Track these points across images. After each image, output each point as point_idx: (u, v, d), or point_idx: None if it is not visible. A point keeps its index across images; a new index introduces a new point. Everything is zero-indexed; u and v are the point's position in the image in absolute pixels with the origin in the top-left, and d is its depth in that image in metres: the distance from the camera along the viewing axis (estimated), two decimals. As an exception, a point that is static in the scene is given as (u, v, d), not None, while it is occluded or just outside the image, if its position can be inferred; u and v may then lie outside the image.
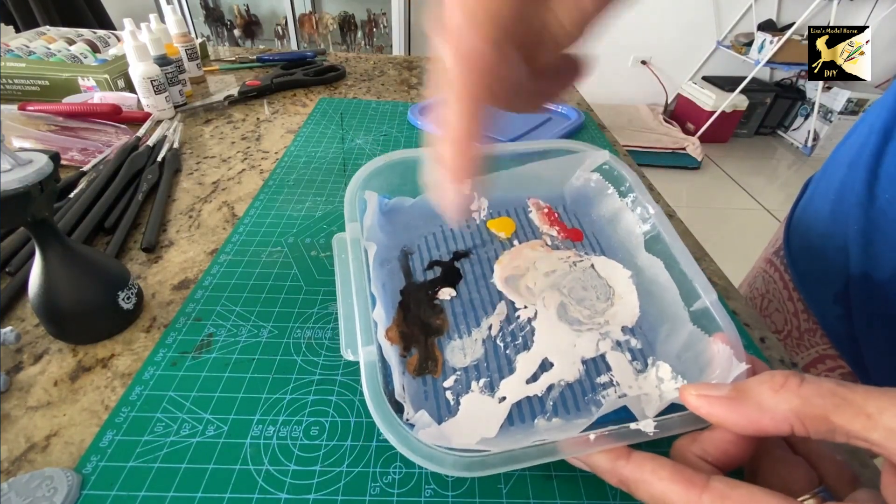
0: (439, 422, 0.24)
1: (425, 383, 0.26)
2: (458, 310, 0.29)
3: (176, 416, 0.26)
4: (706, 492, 0.16)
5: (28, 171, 0.24)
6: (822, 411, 0.16)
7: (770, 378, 0.17)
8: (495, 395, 0.25)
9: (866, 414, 0.15)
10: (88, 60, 0.66)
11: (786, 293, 0.46)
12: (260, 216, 0.42)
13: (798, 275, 0.45)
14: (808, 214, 0.45)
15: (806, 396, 0.16)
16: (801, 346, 0.44)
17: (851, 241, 0.37)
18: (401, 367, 0.26)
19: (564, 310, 0.29)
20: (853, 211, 0.37)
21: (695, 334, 0.26)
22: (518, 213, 0.35)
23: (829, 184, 0.42)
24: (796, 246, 0.45)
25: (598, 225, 0.35)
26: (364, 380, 0.21)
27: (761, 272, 0.51)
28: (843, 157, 0.41)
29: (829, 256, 0.40)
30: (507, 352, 0.27)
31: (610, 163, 0.34)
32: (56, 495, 0.21)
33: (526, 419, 0.24)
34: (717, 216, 2.06)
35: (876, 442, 0.15)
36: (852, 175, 0.38)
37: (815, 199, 0.44)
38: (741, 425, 0.18)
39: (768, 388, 0.17)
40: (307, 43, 2.24)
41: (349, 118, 0.62)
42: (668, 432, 0.21)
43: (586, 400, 0.25)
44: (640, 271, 0.31)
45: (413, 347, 0.27)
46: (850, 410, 0.15)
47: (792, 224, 0.47)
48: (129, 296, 0.30)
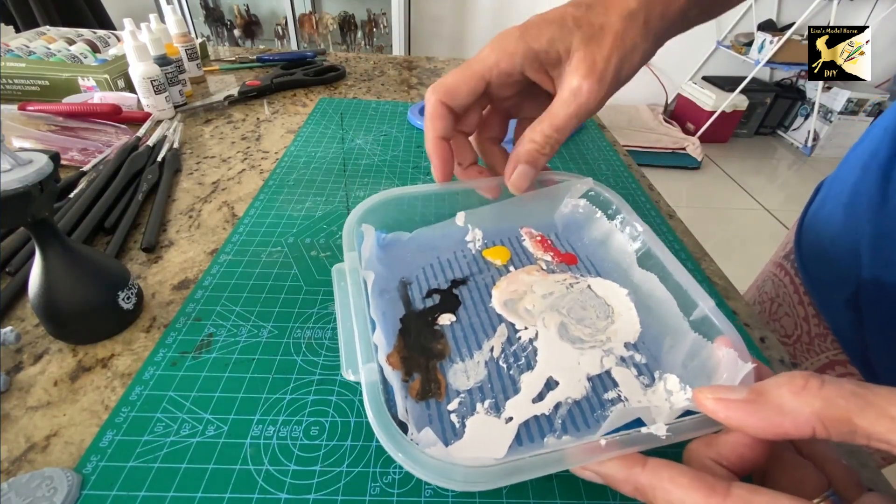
0: (446, 444, 0.23)
1: (429, 407, 0.25)
2: (459, 334, 0.29)
3: (176, 416, 0.26)
4: (728, 498, 0.16)
5: (28, 171, 0.24)
6: (844, 413, 0.15)
7: (789, 380, 0.17)
8: (501, 415, 0.25)
9: (890, 416, 0.15)
10: (88, 60, 0.66)
11: (796, 297, 0.46)
12: (260, 216, 0.42)
13: (809, 279, 0.44)
14: (819, 218, 0.44)
15: (828, 398, 0.16)
16: (810, 352, 0.44)
17: (864, 246, 0.37)
18: (403, 391, 0.25)
19: (565, 329, 0.29)
20: (866, 215, 0.37)
21: (697, 342, 0.26)
22: (512, 242, 0.36)
23: (842, 187, 0.41)
24: (807, 250, 0.45)
25: (591, 248, 0.35)
26: (366, 396, 0.20)
27: (771, 276, 0.51)
28: (857, 159, 0.40)
29: (840, 260, 0.39)
30: (510, 372, 0.27)
31: (595, 189, 0.35)
32: (56, 495, 0.21)
33: (535, 438, 0.24)
34: (717, 216, 2.07)
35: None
36: (866, 178, 0.37)
37: (828, 202, 0.44)
38: (761, 429, 0.17)
39: (788, 391, 0.16)
40: (307, 43, 2.24)
41: (349, 118, 0.62)
42: (680, 436, 0.20)
43: (595, 416, 0.25)
44: (637, 287, 0.31)
45: (415, 372, 0.27)
46: (874, 412, 0.15)
47: (803, 228, 0.47)
48: (129, 296, 0.30)
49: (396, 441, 0.19)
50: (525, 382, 0.26)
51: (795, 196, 2.24)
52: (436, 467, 0.19)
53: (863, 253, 0.37)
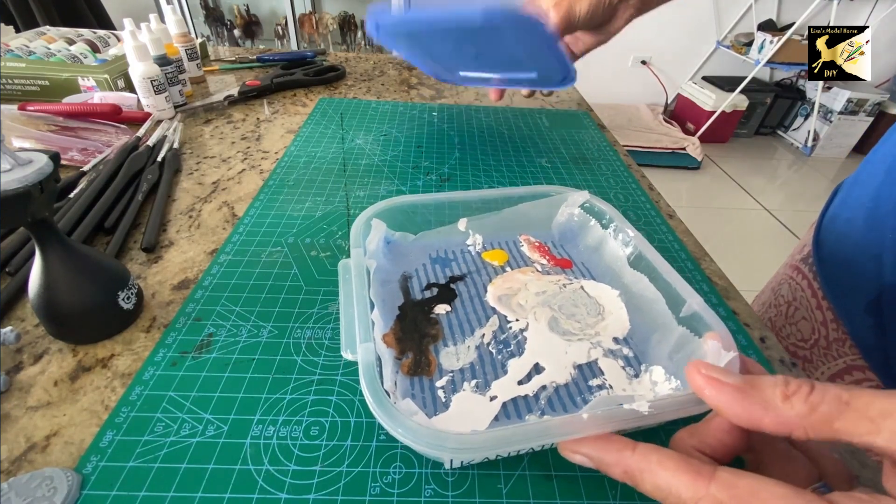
0: (430, 416, 0.24)
1: (418, 382, 0.26)
2: (454, 322, 0.31)
3: (176, 416, 0.26)
4: (713, 482, 0.16)
5: (28, 171, 0.24)
6: (826, 417, 0.16)
7: (784, 383, 0.17)
8: (487, 394, 0.26)
9: (869, 418, 0.15)
10: (88, 60, 0.66)
11: (814, 301, 0.45)
12: (260, 216, 0.42)
13: (828, 283, 0.43)
14: (839, 221, 0.44)
15: (813, 404, 0.16)
16: (828, 356, 0.43)
17: (887, 250, 0.36)
18: (395, 366, 0.27)
19: (556, 322, 0.30)
20: (890, 220, 0.36)
21: (684, 336, 0.26)
22: (510, 246, 0.37)
23: (865, 189, 0.41)
24: (826, 254, 0.44)
25: (586, 254, 0.37)
26: (361, 372, 0.22)
27: (787, 279, 0.50)
28: (880, 162, 0.40)
29: (861, 265, 0.39)
30: (499, 357, 0.28)
31: (590, 201, 0.37)
32: (56, 495, 0.21)
33: (517, 417, 0.25)
34: (717, 216, 2.07)
35: (879, 446, 0.15)
36: (890, 180, 0.37)
37: (848, 205, 0.43)
38: (741, 418, 0.18)
39: (780, 393, 0.17)
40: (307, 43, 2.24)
41: (349, 118, 0.62)
42: (663, 414, 0.21)
43: (578, 401, 0.26)
44: (627, 288, 0.32)
45: (408, 352, 0.28)
46: (854, 415, 0.15)
47: (822, 231, 0.46)
48: (129, 296, 0.30)
49: (391, 414, 0.20)
50: (512, 366, 0.27)
51: (795, 196, 2.24)
52: (429, 436, 0.20)
53: (886, 257, 0.36)
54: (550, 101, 0.73)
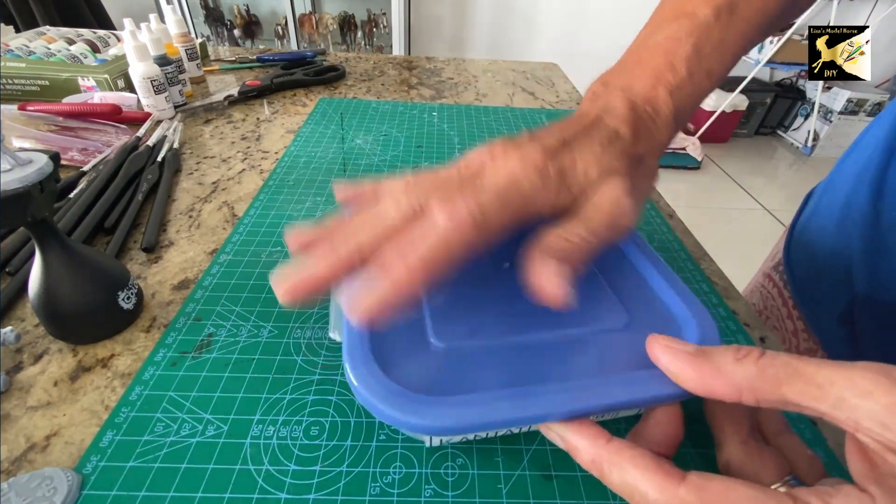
0: None
1: None
2: None
3: (176, 416, 0.26)
4: (683, 484, 0.16)
5: (28, 171, 0.24)
6: (774, 381, 0.16)
7: (736, 349, 0.18)
8: None
9: (817, 384, 0.16)
10: (88, 60, 0.66)
11: (784, 311, 0.44)
12: (260, 216, 0.42)
13: (799, 293, 0.43)
14: (810, 229, 0.42)
15: (762, 367, 0.17)
16: None
17: (856, 260, 0.35)
18: None
19: None
20: (858, 229, 0.35)
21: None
22: None
23: (835, 197, 0.40)
24: (797, 262, 0.43)
25: None
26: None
27: (759, 287, 0.49)
28: (850, 168, 0.39)
29: (832, 274, 0.38)
30: None
31: None
32: (56, 495, 0.21)
33: None
34: (717, 216, 2.07)
35: (825, 412, 0.15)
36: (858, 189, 0.36)
37: (819, 212, 0.42)
38: (694, 383, 0.18)
39: (731, 357, 0.18)
40: (307, 43, 2.24)
41: (349, 118, 0.62)
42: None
43: None
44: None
45: None
46: (801, 381, 0.16)
47: (793, 238, 0.45)
48: (129, 296, 0.30)
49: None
50: None
51: (795, 196, 2.23)
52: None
53: (855, 268, 0.35)
54: (550, 100, 0.73)
